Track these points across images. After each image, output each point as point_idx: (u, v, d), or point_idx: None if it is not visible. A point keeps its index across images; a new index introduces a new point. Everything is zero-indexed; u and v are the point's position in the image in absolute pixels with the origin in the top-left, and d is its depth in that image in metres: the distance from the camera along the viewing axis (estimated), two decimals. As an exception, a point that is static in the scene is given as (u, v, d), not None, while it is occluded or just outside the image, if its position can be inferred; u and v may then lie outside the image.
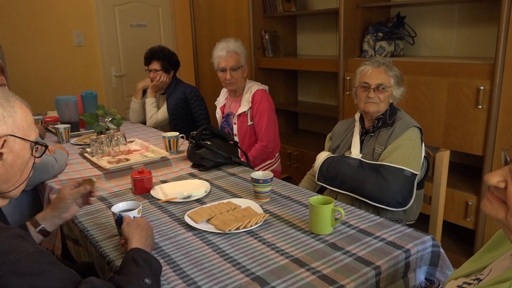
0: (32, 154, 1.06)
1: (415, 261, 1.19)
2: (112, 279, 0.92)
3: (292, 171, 3.27)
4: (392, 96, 1.70)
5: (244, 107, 2.42)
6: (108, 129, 2.29)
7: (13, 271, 0.80)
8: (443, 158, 1.67)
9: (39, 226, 1.23)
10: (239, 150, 2.11)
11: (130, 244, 1.09)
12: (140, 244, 1.09)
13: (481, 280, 0.81)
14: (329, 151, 1.88)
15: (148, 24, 4.30)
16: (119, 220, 1.23)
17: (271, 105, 2.45)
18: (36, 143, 1.06)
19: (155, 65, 2.83)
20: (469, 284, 0.84)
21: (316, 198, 1.30)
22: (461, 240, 2.43)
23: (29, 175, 1.07)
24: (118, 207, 1.29)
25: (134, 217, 1.22)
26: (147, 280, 0.94)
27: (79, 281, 0.86)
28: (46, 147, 1.11)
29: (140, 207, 1.27)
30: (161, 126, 2.90)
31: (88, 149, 2.09)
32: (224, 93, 2.63)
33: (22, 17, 3.59)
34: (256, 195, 1.53)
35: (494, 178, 0.74)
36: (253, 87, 2.44)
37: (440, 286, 1.23)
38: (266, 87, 2.47)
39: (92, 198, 1.30)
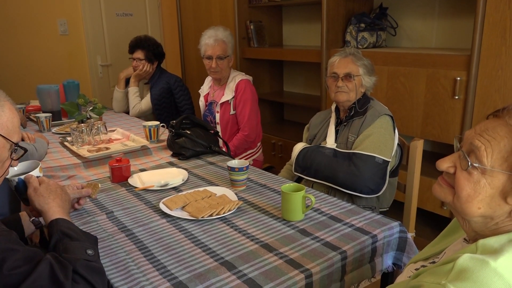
0: (10, 156, 1.06)
1: (382, 247, 1.22)
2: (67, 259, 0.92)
3: (276, 161, 3.30)
4: (363, 86, 1.73)
5: (227, 96, 2.43)
6: (89, 118, 2.29)
7: None
8: (417, 147, 1.70)
9: (34, 216, 1.24)
10: (219, 139, 2.13)
11: (48, 216, 1.06)
12: (59, 214, 1.06)
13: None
14: (306, 141, 1.91)
15: (134, 13, 4.26)
16: (19, 185, 1.13)
17: (255, 96, 2.46)
18: (16, 144, 1.06)
19: (139, 54, 2.82)
20: (425, 267, 0.87)
21: (288, 185, 1.32)
22: (438, 228, 2.47)
23: (4, 173, 1.07)
24: (12, 171, 1.15)
25: (38, 176, 1.15)
26: (89, 251, 0.95)
27: (39, 259, 0.88)
28: (26, 151, 1.12)
29: (40, 165, 1.19)
30: (145, 116, 2.91)
31: (68, 138, 2.09)
32: (208, 81, 2.63)
33: (6, 5, 3.54)
34: (232, 183, 1.56)
35: (444, 164, 0.77)
36: (237, 76, 2.45)
37: (406, 270, 1.27)
38: (250, 78, 2.48)
39: (81, 203, 1.35)
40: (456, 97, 2.13)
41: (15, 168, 1.21)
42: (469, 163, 0.71)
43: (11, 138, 1.03)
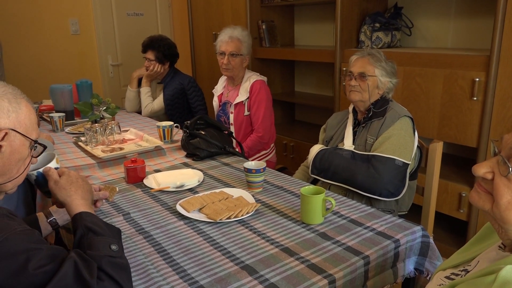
0: (30, 153, 1.06)
1: (404, 251, 1.20)
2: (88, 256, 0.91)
3: (288, 162, 3.28)
4: (379, 87, 1.69)
5: (242, 96, 2.41)
6: (102, 118, 2.28)
7: (1, 250, 0.80)
8: (436, 150, 1.67)
9: (51, 217, 1.24)
10: (233, 140, 2.11)
11: (72, 209, 1.05)
12: (83, 206, 1.05)
13: (468, 271, 0.81)
14: (322, 142, 1.89)
15: (145, 13, 4.26)
16: (39, 179, 1.14)
17: (269, 97, 2.44)
18: (35, 142, 1.06)
19: (150, 55, 2.82)
20: (457, 275, 0.84)
21: (308, 188, 1.30)
22: (454, 232, 2.44)
23: (24, 171, 1.07)
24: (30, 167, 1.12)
25: (56, 168, 1.14)
26: (113, 247, 0.93)
27: (65, 257, 0.87)
28: (45, 147, 1.11)
29: (56, 156, 1.18)
30: (157, 116, 2.89)
31: (82, 138, 2.09)
32: (222, 81, 2.61)
33: (18, 5, 3.56)
34: (248, 185, 1.54)
35: (481, 169, 0.74)
36: (252, 77, 2.43)
37: (429, 276, 1.24)
38: (265, 78, 2.46)
39: (97, 206, 1.32)
40: (475, 98, 2.09)
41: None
42: (510, 169, 0.68)
43: (30, 135, 1.03)
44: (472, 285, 0.65)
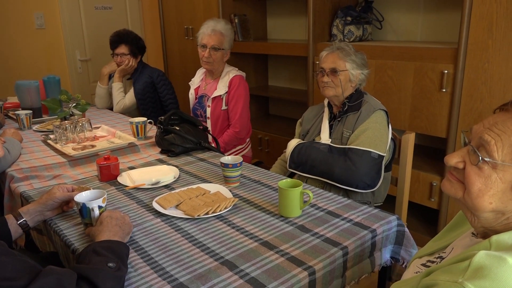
0: None
1: (380, 241, 1.22)
2: (74, 268, 0.90)
3: (263, 156, 3.28)
4: (352, 81, 1.71)
5: (220, 90, 2.39)
6: (72, 115, 2.21)
7: None
8: (409, 141, 1.71)
9: (21, 219, 1.20)
10: (209, 135, 2.09)
11: (95, 239, 1.06)
12: (105, 237, 1.05)
13: (443, 258, 0.84)
14: (299, 136, 1.90)
15: (113, 7, 4.15)
16: (83, 210, 1.18)
17: (247, 93, 2.43)
18: None
19: (123, 49, 2.74)
20: (432, 262, 0.87)
21: (285, 181, 1.30)
22: (426, 220, 2.52)
23: None
24: (81, 197, 1.22)
25: (99, 206, 1.18)
26: (110, 264, 0.91)
27: (37, 271, 0.83)
28: None
29: (105, 196, 1.21)
30: (129, 112, 2.83)
31: (51, 136, 2.02)
32: (200, 74, 2.58)
33: (-23, -3, 3.39)
34: (225, 180, 1.53)
35: (453, 159, 0.76)
36: (231, 72, 2.40)
37: (405, 264, 1.27)
38: (243, 74, 2.44)
39: (70, 206, 1.32)
40: (444, 90, 2.15)
41: (84, 194, 1.23)
42: (480, 157, 0.70)
43: None
44: (447, 271, 0.67)
